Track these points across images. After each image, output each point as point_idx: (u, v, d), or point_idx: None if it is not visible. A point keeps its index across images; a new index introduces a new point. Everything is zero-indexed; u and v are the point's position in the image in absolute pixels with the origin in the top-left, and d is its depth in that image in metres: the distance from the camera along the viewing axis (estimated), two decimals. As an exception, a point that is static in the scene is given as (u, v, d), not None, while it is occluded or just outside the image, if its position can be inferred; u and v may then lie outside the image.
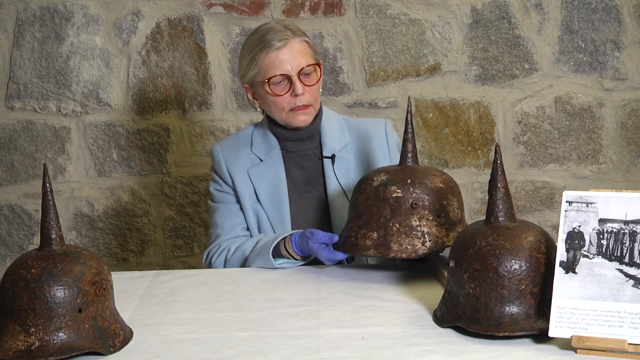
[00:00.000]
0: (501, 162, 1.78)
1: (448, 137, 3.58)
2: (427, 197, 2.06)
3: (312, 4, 3.49)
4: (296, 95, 2.43)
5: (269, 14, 3.47)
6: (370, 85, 3.54)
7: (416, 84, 3.55)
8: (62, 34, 3.48)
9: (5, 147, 3.54)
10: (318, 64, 2.49)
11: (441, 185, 2.10)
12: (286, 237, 2.33)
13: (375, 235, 2.08)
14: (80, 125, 3.53)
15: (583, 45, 3.56)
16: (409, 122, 2.18)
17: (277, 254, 2.33)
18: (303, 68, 2.44)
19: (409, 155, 2.18)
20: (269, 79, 2.44)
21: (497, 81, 3.56)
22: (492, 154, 3.52)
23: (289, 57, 2.43)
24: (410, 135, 2.18)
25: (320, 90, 2.54)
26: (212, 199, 2.63)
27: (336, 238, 2.20)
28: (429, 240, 2.05)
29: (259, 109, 2.57)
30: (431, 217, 2.06)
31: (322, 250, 2.23)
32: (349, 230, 2.15)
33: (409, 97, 2.25)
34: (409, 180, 2.08)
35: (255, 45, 2.47)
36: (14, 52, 3.48)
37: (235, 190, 2.56)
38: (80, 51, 3.49)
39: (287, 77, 2.44)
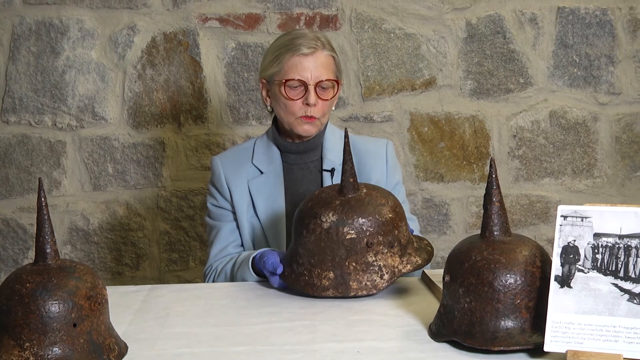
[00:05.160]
0: (496, 176, 1.78)
1: (443, 151, 3.59)
2: (380, 233, 2.05)
3: (307, 18, 3.50)
4: (307, 105, 2.46)
5: (264, 28, 3.48)
6: (366, 99, 3.54)
7: (411, 98, 3.56)
8: (57, 48, 3.48)
9: (0, 161, 3.53)
10: (337, 81, 2.51)
11: (391, 216, 2.08)
12: (255, 256, 2.31)
13: (331, 274, 2.07)
14: (76, 139, 3.53)
15: (577, 60, 3.57)
16: (347, 152, 2.12)
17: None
18: (322, 81, 2.46)
19: (351, 186, 2.11)
20: (286, 81, 2.46)
21: (492, 95, 3.57)
22: (487, 168, 3.53)
23: (312, 66, 2.46)
24: (349, 166, 2.11)
25: (333, 107, 2.56)
26: (208, 214, 2.63)
27: (280, 270, 2.16)
28: (387, 273, 2.06)
29: (269, 108, 2.59)
30: (386, 250, 2.06)
31: (272, 278, 2.21)
32: (301, 266, 2.12)
33: (345, 128, 2.21)
34: (360, 219, 2.05)
35: (284, 45, 2.50)
36: (10, 66, 3.49)
37: (232, 204, 2.56)
38: (75, 65, 3.49)
39: (304, 85, 2.46)
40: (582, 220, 1.68)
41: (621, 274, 1.62)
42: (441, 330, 1.79)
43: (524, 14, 3.53)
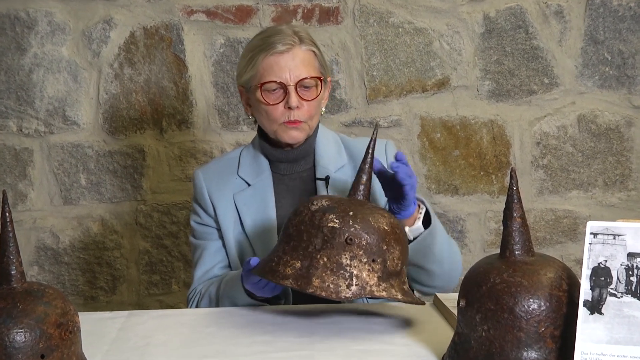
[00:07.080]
0: (517, 188, 1.79)
1: (458, 160, 3.59)
2: (365, 236, 2.02)
3: (305, 11, 3.51)
4: (289, 108, 2.45)
5: (256, 22, 3.49)
6: (371, 101, 3.55)
7: (422, 100, 3.56)
8: (24, 44, 3.49)
9: (-41, 171, 3.54)
10: (320, 78, 2.50)
11: (385, 228, 2.04)
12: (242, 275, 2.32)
13: (298, 264, 2.03)
14: (44, 146, 3.54)
15: (609, 58, 3.58)
16: (371, 148, 2.14)
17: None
18: (303, 79, 2.44)
19: (361, 187, 2.13)
20: (262, 84, 2.45)
21: (513, 97, 3.58)
22: (508, 179, 3.53)
23: (291, 64, 2.44)
24: (367, 166, 2.14)
25: (323, 109, 2.56)
26: (192, 233, 2.63)
27: (256, 262, 2.17)
28: (356, 285, 1.99)
29: (251, 117, 2.59)
30: (365, 260, 2.01)
31: (246, 280, 2.23)
32: (274, 252, 2.12)
33: (376, 122, 2.20)
34: (350, 213, 2.03)
35: (257, 45, 2.48)
36: (-30, 65, 3.50)
37: (217, 221, 2.57)
38: (44, 63, 3.50)
39: (283, 87, 2.44)
40: (614, 239, 1.68)
41: (658, 298, 1.63)
42: (456, 362, 1.79)
43: (548, 6, 3.55)
